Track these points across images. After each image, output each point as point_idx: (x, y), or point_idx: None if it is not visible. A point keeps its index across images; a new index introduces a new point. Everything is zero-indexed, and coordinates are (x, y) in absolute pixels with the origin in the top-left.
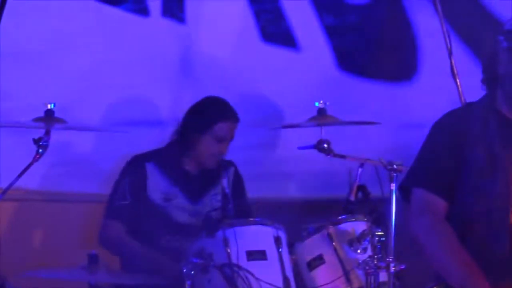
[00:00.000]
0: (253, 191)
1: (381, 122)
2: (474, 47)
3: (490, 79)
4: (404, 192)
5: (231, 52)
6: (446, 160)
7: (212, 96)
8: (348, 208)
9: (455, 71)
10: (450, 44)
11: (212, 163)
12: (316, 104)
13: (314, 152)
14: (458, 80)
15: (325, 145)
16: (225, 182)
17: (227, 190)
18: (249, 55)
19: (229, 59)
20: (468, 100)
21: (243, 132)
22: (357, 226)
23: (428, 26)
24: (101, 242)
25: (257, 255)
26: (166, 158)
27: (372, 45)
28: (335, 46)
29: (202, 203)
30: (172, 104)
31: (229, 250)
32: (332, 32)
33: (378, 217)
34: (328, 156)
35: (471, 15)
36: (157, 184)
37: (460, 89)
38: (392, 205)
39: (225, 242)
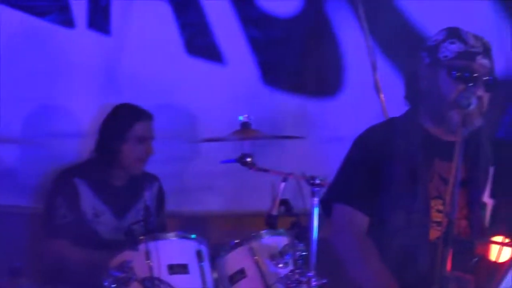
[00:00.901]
0: (176, 205)
1: (304, 136)
2: (398, 62)
3: (413, 94)
4: (325, 207)
5: (156, 64)
6: (366, 175)
7: (121, 103)
8: (271, 223)
9: (379, 86)
10: (374, 59)
11: (140, 166)
12: (240, 117)
13: (237, 166)
14: (382, 95)
15: (248, 159)
16: (147, 195)
17: (148, 203)
18: (174, 68)
19: (154, 72)
20: (391, 115)
21: (167, 145)
22: (279, 240)
23: (353, 41)
24: (48, 262)
25: (179, 268)
26: (92, 172)
27: (297, 59)
28: (260, 60)
29: (127, 218)
30: (96, 116)
31: (150, 263)
32: (257, 46)
33: (300, 232)
34: (251, 170)
35: (395, 31)
36: (87, 200)
37: (383, 104)
38: (314, 220)
39: (147, 255)
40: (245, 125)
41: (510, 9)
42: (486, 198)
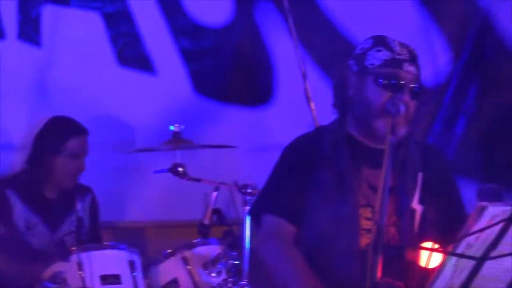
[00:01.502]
0: (108, 215)
1: (236, 145)
2: (328, 71)
3: (340, 103)
4: (255, 217)
5: (87, 75)
6: (293, 184)
7: (57, 116)
8: (203, 232)
9: (309, 95)
10: (304, 68)
11: (72, 182)
12: (171, 127)
13: (169, 175)
14: (312, 104)
15: (180, 169)
16: (79, 206)
17: (81, 214)
18: (105, 79)
19: (85, 83)
20: (322, 124)
21: (99, 156)
22: (211, 249)
23: (283, 50)
24: None
25: (111, 279)
26: (24, 185)
27: (228, 69)
28: (191, 69)
29: (61, 230)
30: (27, 128)
31: (83, 274)
32: (188, 56)
33: (233, 241)
34: (183, 180)
35: (325, 40)
36: (19, 212)
37: (314, 112)
38: (246, 229)
39: (79, 266)
40: (176, 135)
41: (439, 18)
42: (415, 205)
